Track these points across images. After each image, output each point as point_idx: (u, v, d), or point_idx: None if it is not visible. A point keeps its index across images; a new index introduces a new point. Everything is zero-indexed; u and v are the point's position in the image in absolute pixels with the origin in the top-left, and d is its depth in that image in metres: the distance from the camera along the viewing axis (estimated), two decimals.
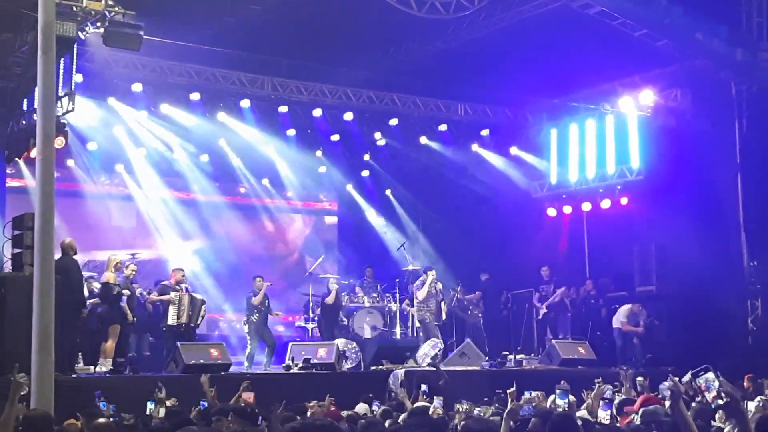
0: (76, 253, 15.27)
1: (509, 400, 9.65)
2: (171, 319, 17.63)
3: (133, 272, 17.16)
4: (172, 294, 17.68)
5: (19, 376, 7.76)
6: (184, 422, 8.29)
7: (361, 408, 11.84)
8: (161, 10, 16.44)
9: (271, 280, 20.16)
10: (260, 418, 8.91)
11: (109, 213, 23.09)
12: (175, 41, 18.59)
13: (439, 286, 20.32)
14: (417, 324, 20.59)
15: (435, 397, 11.83)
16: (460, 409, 11.00)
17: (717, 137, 20.20)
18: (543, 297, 22.04)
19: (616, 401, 10.02)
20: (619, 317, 20.39)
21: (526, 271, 22.63)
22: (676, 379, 8.68)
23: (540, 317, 21.95)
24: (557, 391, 10.10)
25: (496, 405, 11.07)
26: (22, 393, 8.08)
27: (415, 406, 11.19)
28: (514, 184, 24.20)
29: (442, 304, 20.58)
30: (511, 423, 7.68)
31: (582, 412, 9.27)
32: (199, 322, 18.09)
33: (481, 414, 10.60)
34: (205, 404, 10.80)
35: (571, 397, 9.70)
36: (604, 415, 9.24)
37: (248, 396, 11.55)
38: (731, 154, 19.99)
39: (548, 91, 22.29)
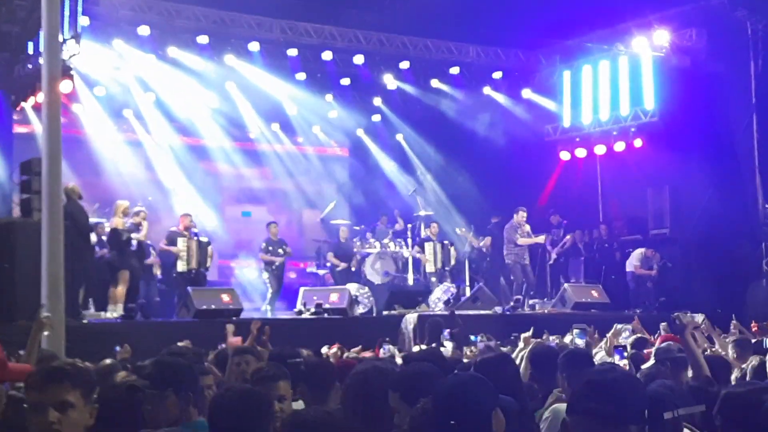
0: (81, 198, 15.10)
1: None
2: (181, 266, 17.64)
3: (143, 218, 17.04)
4: (179, 241, 17.64)
5: (44, 316, 7.64)
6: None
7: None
8: None
9: (281, 226, 20.14)
10: None
11: (117, 159, 22.87)
12: None
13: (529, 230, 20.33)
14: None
15: (446, 341, 11.83)
16: (481, 339, 10.97)
17: (732, 78, 19.90)
18: (554, 241, 21.95)
19: (630, 340, 9.94)
20: (633, 261, 20.36)
21: (539, 216, 22.47)
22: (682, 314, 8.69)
23: (551, 262, 21.88)
24: (575, 330, 10.03)
25: (510, 348, 11.00)
26: (45, 333, 7.99)
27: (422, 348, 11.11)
28: (526, 127, 23.83)
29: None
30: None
31: (600, 354, 9.16)
32: (209, 264, 18.09)
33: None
34: (223, 346, 10.69)
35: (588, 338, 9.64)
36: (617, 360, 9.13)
37: (235, 340, 11.10)
38: (747, 95, 19.72)
39: (561, 33, 21.88)
